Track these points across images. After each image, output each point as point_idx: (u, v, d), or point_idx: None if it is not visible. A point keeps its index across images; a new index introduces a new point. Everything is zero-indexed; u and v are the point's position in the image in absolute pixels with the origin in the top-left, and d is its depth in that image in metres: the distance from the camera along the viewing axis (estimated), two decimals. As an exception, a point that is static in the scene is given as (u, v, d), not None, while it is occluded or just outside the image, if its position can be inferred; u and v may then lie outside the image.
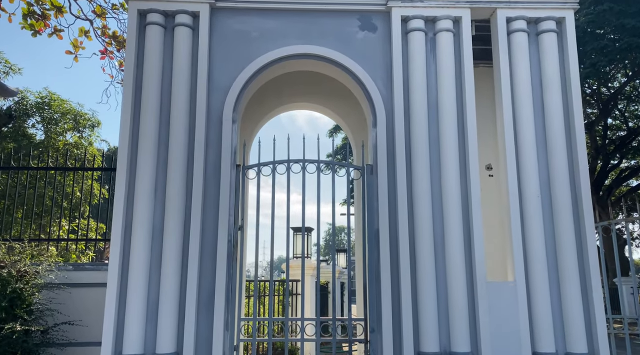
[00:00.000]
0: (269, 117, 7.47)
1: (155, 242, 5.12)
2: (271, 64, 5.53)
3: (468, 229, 5.20)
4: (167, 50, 5.51)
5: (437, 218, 5.21)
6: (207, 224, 5.19)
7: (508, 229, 5.25)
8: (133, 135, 5.31)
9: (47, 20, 10.03)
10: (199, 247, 5.09)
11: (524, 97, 5.39)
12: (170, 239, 5.07)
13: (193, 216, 5.10)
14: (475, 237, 5.11)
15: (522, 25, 5.52)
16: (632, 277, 7.66)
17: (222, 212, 5.15)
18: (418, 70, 5.42)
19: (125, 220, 5.14)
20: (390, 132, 5.39)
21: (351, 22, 5.62)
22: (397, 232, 5.15)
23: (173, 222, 5.10)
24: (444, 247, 5.16)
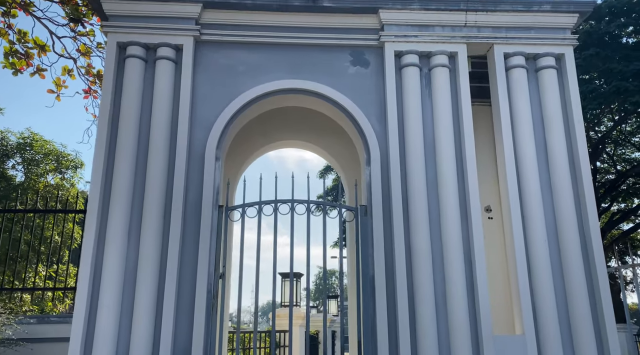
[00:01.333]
0: (256, 155, 7.10)
1: (127, 292, 4.62)
2: (259, 99, 5.22)
3: (471, 277, 4.78)
4: (148, 85, 5.18)
5: (437, 265, 4.79)
6: (184, 273, 4.71)
7: (514, 277, 4.83)
8: (107, 173, 4.90)
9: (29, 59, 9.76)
10: (175, 298, 4.59)
11: (526, 136, 5.10)
12: (143, 288, 4.56)
13: (169, 263, 4.63)
14: (480, 286, 4.68)
15: (520, 61, 5.30)
16: (628, 325, 7.25)
17: (202, 259, 4.68)
18: (413, 106, 5.14)
19: (94, 267, 4.64)
20: (385, 171, 5.03)
21: (343, 56, 5.37)
22: (395, 280, 4.70)
23: (147, 270, 4.61)
24: (445, 297, 4.71)
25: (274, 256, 4.89)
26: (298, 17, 5.34)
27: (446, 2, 5.29)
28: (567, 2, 5.27)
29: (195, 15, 5.23)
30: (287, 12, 5.32)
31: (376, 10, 5.30)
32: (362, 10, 5.31)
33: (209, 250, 4.72)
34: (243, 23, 5.33)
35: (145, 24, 5.20)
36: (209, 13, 5.31)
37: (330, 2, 5.24)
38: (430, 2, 5.29)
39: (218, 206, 4.92)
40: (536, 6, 5.27)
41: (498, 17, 5.32)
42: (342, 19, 5.35)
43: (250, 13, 5.32)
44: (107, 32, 5.22)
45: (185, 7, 5.21)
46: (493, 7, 5.29)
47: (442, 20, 5.33)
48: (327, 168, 20.04)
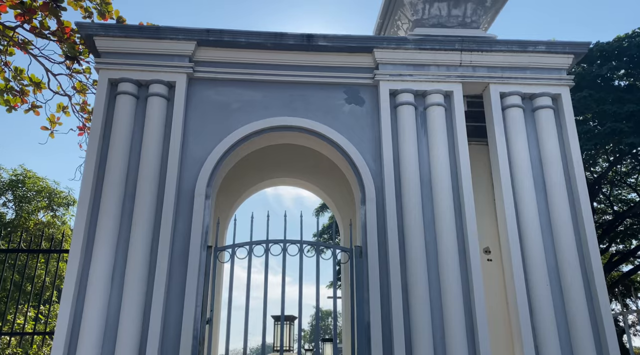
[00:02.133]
0: (249, 192, 6.95)
1: (108, 337, 4.36)
2: (252, 136, 5.12)
3: (471, 322, 4.55)
4: (138, 121, 5.09)
5: (435, 309, 4.57)
6: (169, 317, 4.47)
7: (516, 321, 4.61)
8: (92, 211, 4.73)
9: (24, 96, 9.73)
10: (159, 345, 4.33)
11: (524, 177, 4.99)
12: (126, 334, 4.31)
13: (154, 308, 4.39)
14: (480, 331, 4.45)
15: (517, 101, 5.25)
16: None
17: (189, 303, 4.46)
18: (409, 145, 5.04)
19: (74, 310, 4.40)
20: (381, 210, 4.88)
21: (337, 94, 5.31)
22: (391, 327, 4.47)
23: (130, 314, 4.37)
24: (444, 343, 4.47)
25: (265, 298, 4.66)
26: (293, 56, 5.31)
27: (441, 42, 5.29)
28: (561, 44, 5.28)
29: (189, 52, 5.19)
30: (282, 50, 5.29)
31: (371, 50, 5.28)
32: (357, 49, 5.29)
33: (196, 293, 4.50)
34: (237, 61, 5.29)
35: (137, 61, 5.15)
36: (203, 51, 5.28)
37: (325, 41, 5.22)
38: (425, 42, 5.28)
39: (207, 246, 4.73)
40: (531, 47, 5.27)
41: (493, 57, 5.31)
42: (337, 58, 5.32)
43: (244, 51, 5.29)
44: (99, 68, 5.16)
45: (179, 44, 5.18)
46: (488, 48, 5.28)
47: (437, 59, 5.31)
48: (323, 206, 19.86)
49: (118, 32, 5.15)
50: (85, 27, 5.15)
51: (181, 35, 5.15)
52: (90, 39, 5.18)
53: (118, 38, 5.16)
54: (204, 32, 5.17)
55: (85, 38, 5.22)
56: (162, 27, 5.16)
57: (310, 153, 6.04)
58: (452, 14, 5.96)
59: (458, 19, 5.96)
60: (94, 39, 5.16)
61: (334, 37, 5.22)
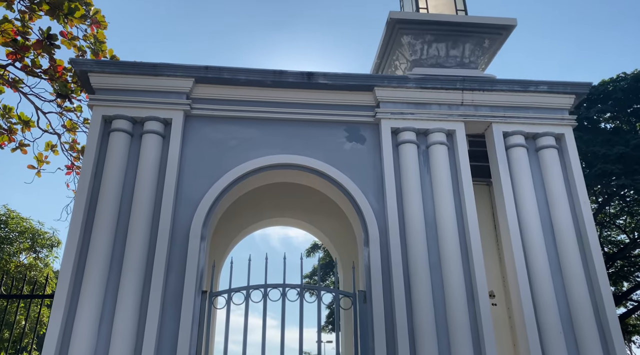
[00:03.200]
0: (245, 233, 6.70)
1: (92, 391, 4.02)
2: (250, 175, 4.94)
3: (482, 373, 4.29)
4: (132, 159, 4.90)
5: None
6: (160, 367, 4.15)
7: (529, 372, 4.36)
8: (80, 253, 4.46)
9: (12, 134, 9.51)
10: (148, 399, 3.99)
11: (531, 218, 4.84)
12: (112, 387, 3.98)
13: None
14: (493, 383, 4.18)
15: (520, 141, 5.18)
16: None
17: (181, 349, 4.14)
18: (412, 184, 4.90)
19: (56, 362, 4.06)
20: (385, 252, 4.68)
21: (338, 132, 5.19)
22: (398, 376, 4.19)
23: (118, 364, 4.05)
24: (455, 396, 4.19)
25: (262, 348, 4.36)
26: (292, 93, 5.22)
27: (442, 81, 5.24)
28: (563, 84, 5.26)
29: (186, 89, 5.07)
30: (282, 88, 5.20)
31: (372, 88, 5.21)
32: (357, 87, 5.22)
33: (189, 342, 4.20)
34: (236, 98, 5.18)
35: (133, 98, 5.01)
36: (201, 88, 5.17)
37: (325, 79, 5.15)
38: (426, 81, 5.23)
39: (201, 291, 4.45)
40: (533, 87, 5.25)
41: (495, 96, 5.27)
42: (338, 96, 5.24)
43: (243, 88, 5.19)
44: (92, 105, 5.01)
45: (176, 81, 5.07)
46: (489, 87, 5.25)
47: (439, 98, 5.25)
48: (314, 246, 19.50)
49: (114, 68, 5.03)
50: (80, 63, 5.02)
51: (179, 72, 5.05)
52: (84, 75, 5.05)
53: (114, 74, 5.03)
54: (202, 69, 5.07)
55: (79, 74, 5.09)
56: (160, 64, 5.06)
57: (309, 192, 5.88)
58: (450, 54, 5.96)
59: (456, 60, 5.97)
60: (89, 76, 5.03)
61: (334, 75, 5.15)
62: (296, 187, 6.11)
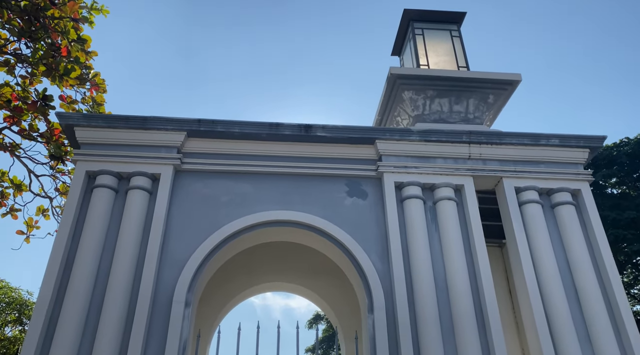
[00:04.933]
0: (235, 301, 6.16)
1: None
2: (242, 233, 4.54)
3: None
4: (115, 217, 4.52)
5: None
6: None
7: None
8: (50, 322, 3.97)
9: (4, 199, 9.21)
10: None
11: (553, 282, 4.36)
12: None
13: None
14: None
15: (534, 197, 4.80)
16: None
17: None
18: (419, 242, 4.48)
19: None
20: (392, 319, 4.17)
21: (338, 187, 4.85)
22: None
23: None
24: None
25: None
26: (289, 147, 4.93)
27: (448, 134, 4.97)
28: (575, 137, 4.97)
29: (177, 143, 4.80)
30: (278, 141, 4.93)
31: (373, 141, 4.93)
32: (358, 140, 4.94)
33: None
34: (229, 152, 4.89)
35: (120, 152, 4.72)
36: (193, 141, 4.89)
37: (324, 132, 4.88)
38: (431, 134, 4.96)
39: (184, 366, 3.91)
40: (544, 140, 4.96)
41: (504, 150, 4.97)
42: (337, 149, 4.95)
43: (237, 142, 4.91)
44: (76, 160, 4.71)
45: (167, 135, 4.81)
46: (498, 140, 4.96)
47: (445, 152, 4.95)
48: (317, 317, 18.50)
49: (101, 122, 4.78)
50: (66, 117, 4.78)
51: (170, 125, 4.80)
52: (70, 129, 4.80)
53: (101, 128, 4.78)
54: (195, 122, 4.82)
55: (65, 129, 4.83)
56: (150, 118, 4.82)
57: (307, 254, 5.44)
58: (453, 109, 5.76)
59: (460, 115, 5.75)
60: (75, 130, 4.77)
61: (333, 128, 4.89)
62: (293, 248, 5.68)
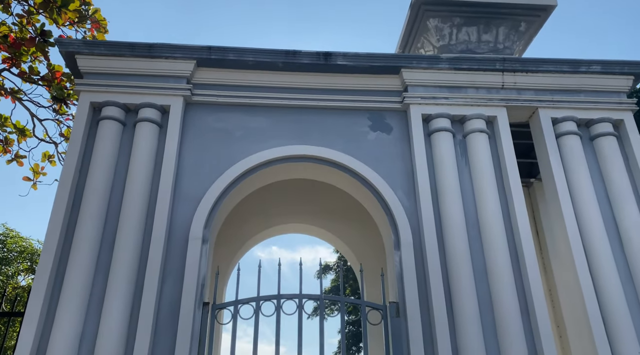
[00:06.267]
0: (253, 241, 5.97)
1: None
2: (258, 169, 4.26)
3: (545, 402, 3.50)
4: (124, 151, 4.24)
5: (497, 384, 3.53)
6: (151, 397, 3.40)
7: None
8: (60, 259, 3.77)
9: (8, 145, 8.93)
10: None
11: (592, 219, 4.07)
12: None
13: (131, 383, 3.34)
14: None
15: (572, 128, 4.46)
16: None
17: (177, 377, 3.40)
18: (448, 178, 4.19)
19: (25, 391, 3.34)
20: (420, 256, 3.95)
21: (360, 120, 4.52)
22: (443, 407, 3.41)
23: (99, 393, 3.31)
24: None
25: (275, 373, 3.61)
26: (307, 77, 4.57)
27: (479, 61, 4.58)
28: (619, 63, 4.57)
29: (187, 73, 4.44)
30: (295, 71, 4.56)
31: (398, 70, 4.56)
32: (381, 69, 4.56)
33: (187, 365, 3.46)
34: (243, 83, 4.54)
35: (126, 82, 4.38)
36: (203, 71, 4.54)
37: (345, 60, 4.50)
38: (461, 62, 4.57)
39: (203, 303, 3.73)
40: (584, 67, 4.56)
41: (540, 78, 4.59)
42: (359, 80, 4.59)
43: (251, 72, 4.55)
44: (80, 90, 4.38)
45: (175, 64, 4.45)
46: (534, 68, 4.57)
47: (476, 81, 4.58)
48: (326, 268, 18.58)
49: (104, 50, 4.42)
50: (66, 44, 4.42)
51: (178, 53, 4.43)
52: (71, 58, 4.44)
53: (104, 57, 4.42)
54: (205, 49, 4.44)
55: (66, 57, 4.48)
56: (157, 45, 4.44)
57: (325, 193, 5.19)
58: (482, 39, 5.31)
59: (489, 45, 5.32)
60: (76, 58, 4.42)
61: (355, 56, 4.50)
62: (311, 188, 5.43)
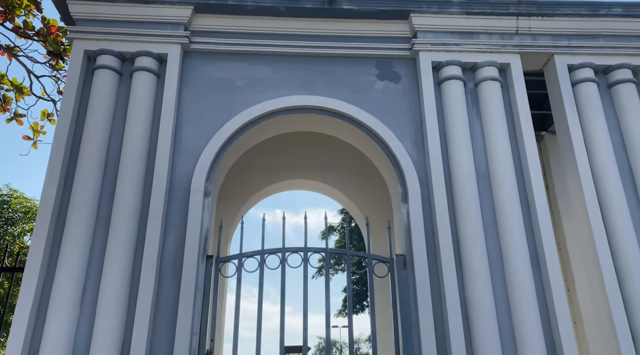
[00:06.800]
0: (257, 197, 5.87)
1: (73, 378, 3.27)
2: (261, 120, 4.10)
3: (554, 349, 3.46)
4: (120, 102, 4.08)
5: (505, 334, 3.48)
6: (157, 350, 3.37)
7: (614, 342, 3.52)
8: (59, 215, 3.68)
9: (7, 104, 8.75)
10: (141, 387, 3.22)
11: (608, 170, 3.92)
12: (96, 373, 3.21)
13: (136, 337, 3.30)
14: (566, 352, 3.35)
15: (589, 74, 4.26)
16: None
17: (182, 329, 3.36)
18: (458, 128, 4.02)
19: (29, 344, 3.31)
20: (428, 208, 3.84)
21: (366, 69, 4.32)
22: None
23: (104, 344, 3.28)
24: (521, 381, 3.37)
25: (281, 323, 3.57)
26: (311, 23, 4.34)
27: (492, 5, 4.33)
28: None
29: (184, 20, 4.22)
30: (298, 17, 4.33)
31: (407, 15, 4.32)
32: (389, 14, 4.33)
33: (192, 317, 3.41)
34: (243, 30, 4.32)
35: (121, 30, 4.18)
36: (201, 18, 4.31)
37: (350, 5, 4.26)
38: (473, 5, 4.32)
39: (206, 256, 3.65)
40: (604, 10, 4.31)
41: (557, 23, 4.34)
42: (366, 26, 4.36)
43: (252, 18, 4.32)
44: (73, 38, 4.18)
45: (172, 10, 4.22)
46: (550, 11, 4.32)
47: (489, 26, 4.34)
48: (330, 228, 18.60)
49: (97, -6, 4.18)
50: (57, -12, 4.18)
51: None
52: (62, 3, 4.22)
53: (98, 2, 4.19)
54: (202, -6, 4.21)
55: (57, 3, 4.25)
56: (152, -11, 4.20)
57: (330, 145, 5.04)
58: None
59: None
60: (68, 4, 4.19)
61: (361, 0, 4.26)
62: (315, 142, 5.28)
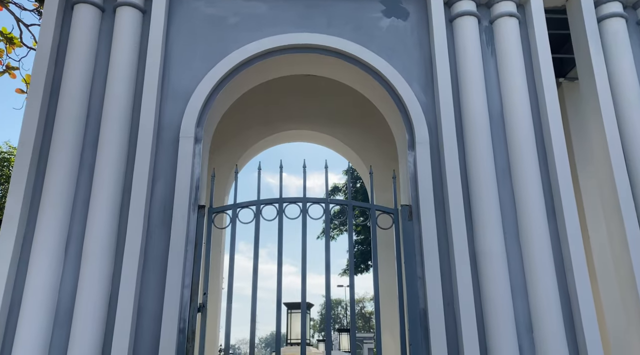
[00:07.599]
0: (253, 151, 5.59)
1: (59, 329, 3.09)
2: (255, 60, 3.77)
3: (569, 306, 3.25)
4: (103, 40, 3.75)
5: (517, 289, 3.26)
6: (146, 303, 3.18)
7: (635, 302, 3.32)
8: (39, 162, 3.42)
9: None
10: (130, 340, 3.04)
11: (635, 116, 3.61)
12: (83, 327, 3.03)
13: (123, 289, 3.10)
14: (585, 320, 3.13)
15: (617, 9, 3.88)
16: None
17: (172, 283, 3.16)
18: (471, 70, 3.69)
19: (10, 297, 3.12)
20: (436, 156, 3.56)
21: (372, 5, 3.95)
22: (457, 313, 3.16)
23: (90, 299, 3.08)
24: (532, 338, 3.17)
25: (279, 277, 3.36)
26: (311, -47, 3.94)
27: None
28: None
29: (171, -51, 3.83)
30: (296, -54, 3.93)
31: (416, -56, 3.91)
32: (397, -57, 3.91)
33: (183, 270, 3.20)
34: (236, -39, 3.93)
35: (102, -40, 3.80)
36: (189, -53, 3.92)
37: None
38: None
39: (198, 207, 3.41)
40: None
41: (582, -50, 3.92)
42: (371, -45, 3.95)
43: (246, -52, 3.92)
44: (49, -30, 3.81)
45: (157, -62, 3.82)
46: (575, -62, 3.90)
47: (506, -44, 3.92)
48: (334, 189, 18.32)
49: None
50: None
51: None
52: None
53: None
54: None
55: None
56: None
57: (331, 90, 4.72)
58: None
59: None
60: None
61: None
62: (315, 87, 4.97)
